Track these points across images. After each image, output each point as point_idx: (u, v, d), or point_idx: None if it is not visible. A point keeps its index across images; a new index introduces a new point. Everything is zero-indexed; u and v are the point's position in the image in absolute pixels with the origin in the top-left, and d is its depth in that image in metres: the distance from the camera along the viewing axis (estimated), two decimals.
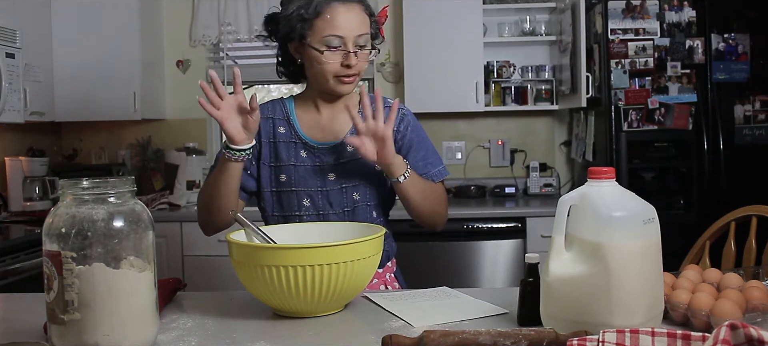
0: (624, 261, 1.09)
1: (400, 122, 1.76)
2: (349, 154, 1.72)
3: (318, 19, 1.61)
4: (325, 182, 1.72)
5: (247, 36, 4.18)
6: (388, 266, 1.81)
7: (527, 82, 4.03)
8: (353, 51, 1.62)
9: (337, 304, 1.35)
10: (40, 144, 3.93)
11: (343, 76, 1.65)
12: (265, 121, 1.75)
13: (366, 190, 1.74)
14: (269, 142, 1.75)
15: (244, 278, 1.32)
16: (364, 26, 1.64)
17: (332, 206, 1.72)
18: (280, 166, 1.73)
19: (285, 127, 1.75)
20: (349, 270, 1.28)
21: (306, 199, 1.72)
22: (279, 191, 1.74)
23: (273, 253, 1.27)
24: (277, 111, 1.78)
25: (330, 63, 1.63)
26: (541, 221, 3.50)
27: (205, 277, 3.56)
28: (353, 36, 1.62)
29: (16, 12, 3.27)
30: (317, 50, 1.62)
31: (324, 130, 1.75)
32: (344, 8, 1.62)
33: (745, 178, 3.33)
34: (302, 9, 1.63)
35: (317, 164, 1.73)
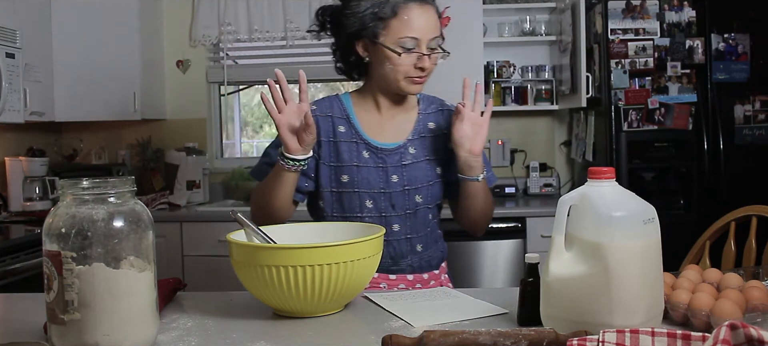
0: (624, 261, 1.09)
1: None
2: (412, 156, 1.71)
3: (394, 19, 1.61)
4: (388, 183, 1.70)
5: (247, 36, 4.18)
6: (442, 267, 1.81)
7: (527, 82, 4.03)
8: (427, 53, 1.62)
9: (337, 304, 1.35)
10: (40, 144, 3.93)
11: (415, 77, 1.65)
12: (324, 119, 1.72)
13: (428, 192, 1.72)
14: (329, 141, 1.71)
15: (244, 278, 1.32)
16: (437, 28, 1.65)
17: (395, 208, 1.70)
18: (341, 167, 1.70)
19: (345, 126, 1.72)
20: (349, 270, 1.28)
21: (368, 200, 1.70)
22: (340, 192, 1.70)
23: (273, 253, 1.26)
24: (334, 109, 1.75)
25: (404, 65, 1.62)
26: (541, 221, 3.50)
27: (205, 277, 3.56)
28: (428, 38, 1.62)
29: (16, 12, 3.27)
30: (392, 51, 1.61)
31: (385, 130, 1.73)
32: (421, 10, 1.62)
33: (745, 178, 3.33)
34: (377, 8, 1.61)
35: (380, 166, 1.70)
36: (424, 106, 1.79)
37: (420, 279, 1.74)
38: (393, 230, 1.70)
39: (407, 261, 1.73)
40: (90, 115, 3.83)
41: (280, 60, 4.27)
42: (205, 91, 4.32)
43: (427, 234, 1.75)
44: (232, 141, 4.70)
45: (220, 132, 4.45)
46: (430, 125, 1.76)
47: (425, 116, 1.77)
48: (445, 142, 1.73)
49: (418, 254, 1.74)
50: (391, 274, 1.73)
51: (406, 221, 1.71)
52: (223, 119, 4.48)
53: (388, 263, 1.71)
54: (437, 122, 1.77)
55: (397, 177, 1.70)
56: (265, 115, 5.27)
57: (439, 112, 1.79)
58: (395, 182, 1.70)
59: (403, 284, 1.72)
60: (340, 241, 1.29)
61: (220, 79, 4.31)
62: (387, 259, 1.70)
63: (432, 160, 1.73)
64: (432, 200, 1.74)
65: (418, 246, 1.74)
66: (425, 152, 1.73)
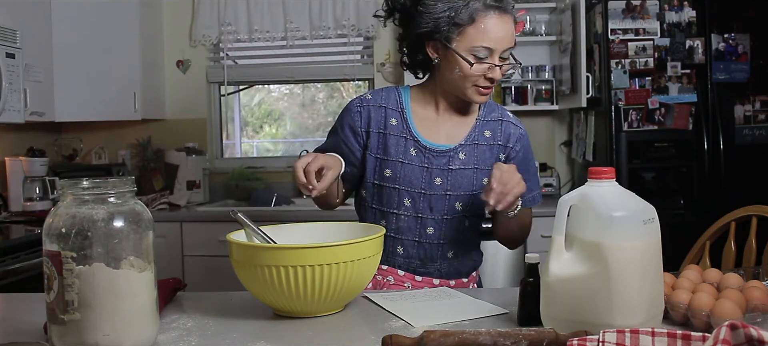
0: (624, 261, 1.09)
1: (517, 141, 1.72)
2: (460, 161, 1.67)
3: (470, 26, 1.56)
4: (430, 185, 1.66)
5: (247, 36, 4.18)
6: (472, 276, 1.77)
7: (527, 82, 4.03)
8: (499, 65, 1.58)
9: (337, 304, 1.35)
10: (40, 144, 3.93)
11: (482, 87, 1.60)
12: (377, 109, 1.70)
13: (469, 201, 1.67)
14: (379, 132, 1.69)
15: (243, 278, 1.32)
16: (512, 38, 1.60)
17: (432, 211, 1.67)
18: (387, 160, 1.68)
19: (398, 120, 1.69)
20: (349, 270, 1.28)
21: (407, 198, 1.67)
22: (381, 185, 1.68)
23: (273, 253, 1.26)
24: (390, 100, 1.72)
25: (474, 74, 1.58)
26: (541, 221, 3.47)
27: (205, 277, 3.56)
28: (502, 48, 1.58)
29: (16, 12, 3.27)
30: (463, 58, 1.57)
31: (439, 131, 1.69)
32: (499, 19, 1.56)
33: (745, 178, 3.33)
34: (453, 12, 1.56)
35: (426, 166, 1.67)
36: (484, 113, 1.73)
37: (446, 285, 1.70)
38: (427, 233, 1.67)
39: (436, 265, 1.70)
40: (90, 115, 3.83)
41: (280, 60, 4.28)
42: (205, 91, 4.32)
43: (460, 242, 1.71)
44: (232, 141, 4.70)
45: (220, 132, 4.45)
46: (486, 133, 1.71)
47: (483, 123, 1.72)
48: (499, 153, 1.71)
49: (448, 260, 1.71)
50: (418, 276, 1.70)
51: (441, 226, 1.68)
52: (223, 119, 4.48)
53: (416, 264, 1.69)
54: (494, 132, 1.72)
55: (441, 180, 1.66)
56: (265, 115, 5.27)
57: (498, 122, 1.73)
58: (438, 184, 1.66)
59: (427, 287, 1.68)
60: (340, 241, 1.29)
61: (220, 79, 4.31)
62: (416, 260, 1.69)
63: (480, 169, 1.68)
64: (472, 209, 1.68)
65: (449, 252, 1.71)
66: (475, 160, 1.68)
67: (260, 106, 5.23)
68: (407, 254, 1.69)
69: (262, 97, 5.18)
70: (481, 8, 1.55)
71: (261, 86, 4.90)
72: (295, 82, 4.45)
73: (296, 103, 5.02)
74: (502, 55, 1.59)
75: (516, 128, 1.74)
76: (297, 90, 4.90)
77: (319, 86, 4.66)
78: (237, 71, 4.33)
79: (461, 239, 1.71)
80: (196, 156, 4.04)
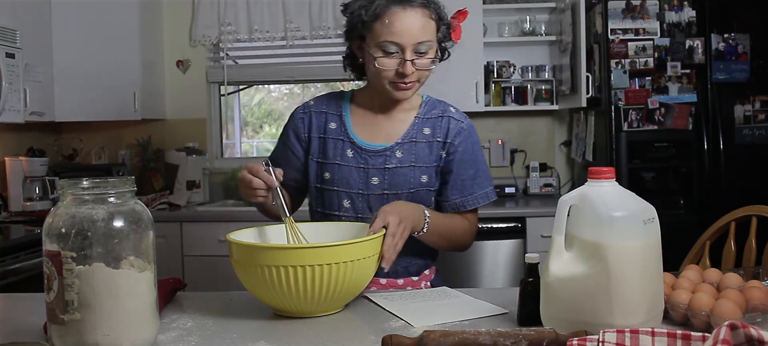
0: (624, 261, 1.09)
1: (456, 135, 1.70)
2: (397, 160, 1.67)
3: (376, 22, 1.55)
4: (367, 185, 1.67)
5: (247, 36, 4.18)
6: (425, 275, 1.75)
7: (527, 82, 4.03)
8: (410, 59, 1.56)
9: (337, 304, 1.35)
10: (40, 144, 3.93)
11: (399, 82, 1.59)
12: (318, 115, 1.72)
13: (408, 199, 1.65)
14: (319, 137, 1.71)
15: (243, 277, 1.32)
16: (425, 32, 1.57)
17: (372, 211, 1.65)
18: (325, 163, 1.69)
19: (336, 123, 1.71)
20: (349, 270, 1.28)
21: (346, 200, 1.68)
22: (322, 188, 1.70)
23: (273, 253, 1.26)
24: (331, 105, 1.74)
25: (385, 69, 1.57)
26: (541, 221, 3.50)
27: (205, 277, 3.56)
28: (412, 43, 1.55)
29: (16, 12, 3.27)
30: (373, 55, 1.57)
31: (377, 132, 1.70)
32: (404, 13, 1.54)
33: (745, 178, 3.33)
34: (362, 9, 1.57)
35: (362, 166, 1.67)
36: (425, 110, 1.73)
37: (393, 284, 1.69)
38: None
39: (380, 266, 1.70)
40: (90, 115, 3.83)
41: (280, 60, 4.28)
42: (205, 91, 4.32)
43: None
44: (232, 141, 4.70)
45: (220, 132, 4.44)
46: (426, 131, 1.70)
47: (423, 121, 1.71)
48: (439, 150, 1.69)
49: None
50: None
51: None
52: (223, 119, 4.48)
53: None
54: (433, 128, 1.71)
55: (378, 180, 1.67)
56: (265, 115, 5.27)
57: (439, 119, 1.72)
58: (375, 184, 1.66)
59: (375, 287, 1.66)
60: (340, 241, 1.29)
61: (220, 79, 4.31)
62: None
63: (418, 166, 1.67)
64: None
65: None
66: (412, 158, 1.67)
67: (260, 106, 5.23)
68: None
69: (262, 97, 5.19)
70: (385, 4, 1.55)
71: (261, 86, 4.90)
72: (295, 82, 4.44)
73: (296, 103, 4.99)
74: (419, 49, 1.57)
75: (457, 123, 1.72)
76: (297, 90, 4.90)
77: (319, 86, 4.66)
78: (237, 71, 4.33)
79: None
80: (196, 156, 4.04)
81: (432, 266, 1.79)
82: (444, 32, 1.64)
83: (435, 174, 1.69)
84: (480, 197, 1.71)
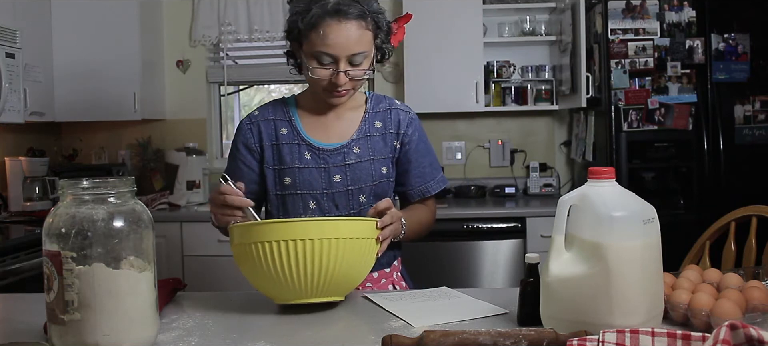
0: (624, 261, 1.09)
1: (408, 126, 1.74)
2: (356, 155, 1.70)
3: (312, 32, 1.56)
4: (330, 183, 1.69)
5: (247, 36, 4.18)
6: (394, 266, 1.79)
7: (527, 82, 4.03)
8: (343, 70, 1.57)
9: (337, 289, 1.34)
10: (40, 144, 3.93)
11: (333, 90, 1.61)
12: (266, 123, 1.73)
13: (371, 192, 1.70)
14: (272, 144, 1.72)
15: (242, 264, 1.32)
16: (361, 43, 1.57)
17: (338, 209, 1.70)
18: (284, 169, 1.70)
19: (287, 129, 1.72)
20: (345, 249, 1.28)
21: (312, 201, 1.69)
22: (284, 194, 1.71)
23: (269, 228, 1.27)
24: (278, 112, 1.75)
25: (319, 78, 1.59)
26: (541, 221, 3.50)
27: (205, 277, 3.56)
28: (346, 55, 1.56)
29: (16, 12, 3.27)
30: (307, 63, 1.59)
31: (329, 131, 1.72)
32: (339, 26, 1.54)
33: (745, 178, 3.33)
34: (299, 16, 1.58)
35: (322, 166, 1.69)
36: (372, 106, 1.76)
37: (370, 278, 1.72)
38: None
39: None
40: (90, 115, 3.83)
41: (279, 60, 4.26)
42: (205, 91, 4.32)
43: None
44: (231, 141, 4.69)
45: (220, 132, 4.45)
46: (377, 124, 1.73)
47: (372, 115, 1.74)
48: (393, 142, 1.73)
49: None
50: None
51: None
52: (223, 119, 4.48)
53: None
54: (384, 121, 1.74)
55: (340, 177, 1.69)
56: None
57: (387, 112, 1.75)
58: (338, 181, 1.69)
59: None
60: (335, 218, 1.29)
61: (220, 79, 4.31)
62: None
63: (377, 159, 1.71)
64: (376, 199, 1.68)
65: None
66: (370, 152, 1.71)
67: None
68: None
69: (262, 97, 5.19)
70: (320, 14, 1.54)
71: (261, 86, 4.90)
72: (295, 82, 4.44)
73: None
74: (353, 60, 1.57)
75: (405, 114, 1.76)
76: (297, 90, 4.90)
77: None
78: (237, 71, 4.33)
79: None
80: (196, 156, 4.04)
81: (399, 255, 1.83)
82: (383, 39, 1.65)
83: (391, 165, 1.74)
84: (439, 181, 1.79)
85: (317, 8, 1.55)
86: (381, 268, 1.75)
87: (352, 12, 1.55)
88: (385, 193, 1.72)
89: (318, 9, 1.55)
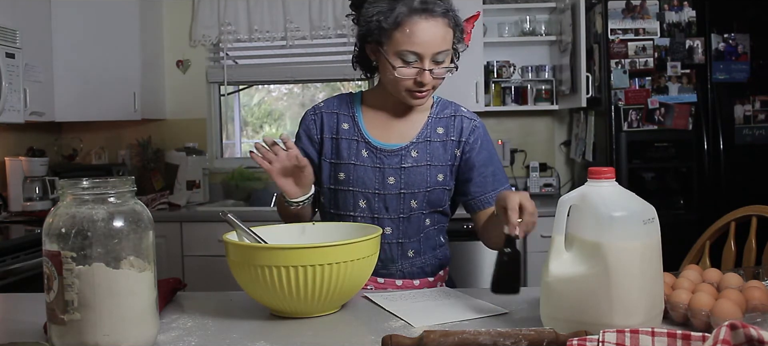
0: (624, 261, 1.09)
1: (470, 134, 1.70)
2: (413, 159, 1.67)
3: (397, 30, 1.53)
4: (384, 185, 1.66)
5: (247, 36, 4.18)
6: (439, 275, 1.76)
7: (527, 82, 4.03)
8: (429, 69, 1.55)
9: (334, 304, 1.35)
10: (40, 144, 3.93)
11: (415, 90, 1.58)
12: (330, 116, 1.72)
13: (424, 198, 1.67)
14: (332, 138, 1.70)
15: (240, 278, 1.32)
16: (445, 42, 1.55)
17: (388, 211, 1.66)
18: (340, 164, 1.68)
19: (349, 124, 1.70)
20: (346, 271, 1.28)
21: (362, 200, 1.67)
22: (336, 189, 1.69)
23: (269, 253, 1.26)
24: (343, 106, 1.73)
25: (403, 77, 1.56)
26: (541, 221, 3.46)
27: (205, 277, 3.56)
28: (431, 53, 1.54)
29: (16, 12, 3.27)
30: (391, 63, 1.55)
31: (390, 132, 1.69)
32: (426, 23, 1.52)
33: (745, 178, 3.33)
34: (382, 15, 1.55)
35: (377, 166, 1.67)
36: (437, 110, 1.73)
37: (410, 285, 1.70)
38: (384, 233, 1.65)
39: (397, 266, 1.69)
40: (90, 115, 3.83)
41: (280, 60, 4.28)
42: (205, 91, 4.32)
43: (420, 240, 1.70)
44: (232, 141, 4.70)
45: (220, 132, 4.45)
46: (439, 130, 1.70)
47: (436, 120, 1.71)
48: (453, 150, 1.70)
49: (409, 260, 1.70)
50: (380, 277, 1.69)
51: (399, 225, 1.67)
52: (223, 119, 4.48)
53: (377, 266, 1.66)
54: (447, 128, 1.71)
55: (394, 179, 1.66)
56: (265, 115, 5.27)
57: (451, 118, 1.72)
58: (391, 183, 1.66)
59: (391, 289, 1.67)
60: (337, 241, 1.28)
61: (220, 79, 4.31)
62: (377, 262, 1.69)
63: (434, 166, 1.68)
64: (429, 206, 1.68)
65: (409, 252, 1.69)
66: (428, 157, 1.68)
67: (260, 106, 5.23)
68: None
69: (262, 97, 5.19)
70: (406, 13, 1.52)
71: (261, 86, 4.90)
72: (295, 82, 4.45)
73: (296, 103, 5.02)
74: (437, 59, 1.56)
75: (470, 121, 1.73)
76: (297, 90, 4.90)
77: (319, 86, 4.66)
78: (237, 71, 4.33)
79: (422, 238, 1.70)
80: (196, 156, 4.04)
81: (446, 266, 1.79)
82: (458, 38, 1.63)
83: (450, 173, 1.70)
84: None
85: (402, 6, 1.53)
86: (424, 276, 1.72)
87: (437, 9, 1.54)
88: (439, 200, 1.69)
89: (403, 7, 1.53)
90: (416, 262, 1.70)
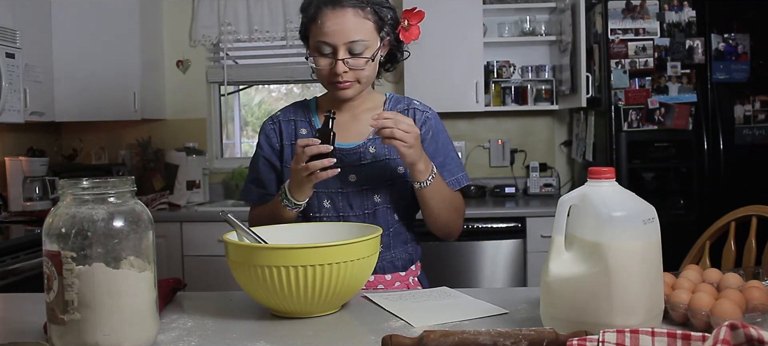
0: (624, 261, 1.09)
1: (422, 125, 1.72)
2: (371, 155, 1.70)
3: (313, 23, 1.60)
4: (345, 183, 1.69)
5: (247, 36, 4.18)
6: (411, 270, 1.77)
7: (527, 82, 4.03)
8: (341, 59, 1.58)
9: (334, 304, 1.35)
10: (40, 144, 3.93)
11: (337, 82, 1.61)
12: (287, 123, 1.75)
13: (387, 192, 1.70)
14: (291, 144, 1.73)
15: (240, 278, 1.32)
16: (358, 31, 1.58)
17: (353, 208, 1.69)
18: None
19: (306, 129, 1.74)
20: (346, 271, 1.28)
21: (326, 200, 1.69)
22: None
23: (269, 253, 1.26)
24: (299, 113, 1.77)
25: (322, 69, 1.61)
26: (541, 221, 3.50)
27: (205, 277, 3.56)
28: (344, 42, 1.57)
29: (16, 12, 3.27)
30: (312, 56, 1.62)
31: (347, 132, 1.71)
32: (334, 13, 1.57)
33: (745, 178, 3.33)
34: (304, 12, 1.62)
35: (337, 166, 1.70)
36: (390, 106, 1.76)
37: (382, 280, 1.71)
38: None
39: None
40: (90, 115, 3.83)
41: (280, 60, 4.28)
42: (205, 91, 4.32)
43: (389, 235, 1.72)
44: (232, 141, 4.70)
45: (220, 132, 4.45)
46: None
47: None
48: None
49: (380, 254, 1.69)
50: None
51: (364, 222, 1.67)
52: (223, 119, 4.49)
53: None
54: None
55: (355, 177, 1.69)
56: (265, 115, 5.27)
57: (405, 112, 1.75)
58: (353, 181, 1.68)
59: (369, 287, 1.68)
60: (337, 241, 1.28)
61: (220, 79, 4.31)
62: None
63: (393, 159, 1.70)
64: (392, 200, 1.70)
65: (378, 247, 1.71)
66: (386, 151, 1.70)
67: (260, 106, 5.23)
68: None
69: (262, 97, 5.19)
70: (317, 4, 1.59)
71: (261, 86, 4.90)
72: (295, 82, 4.44)
73: None
74: (353, 49, 1.58)
75: (421, 113, 1.75)
76: (297, 90, 4.90)
77: (318, 86, 4.66)
78: (237, 71, 4.33)
79: (391, 233, 1.72)
80: (196, 156, 4.04)
81: (417, 261, 1.81)
82: (388, 32, 1.65)
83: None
84: (451, 183, 1.72)
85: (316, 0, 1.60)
86: (395, 271, 1.73)
87: (347, 1, 1.58)
88: (403, 193, 1.71)
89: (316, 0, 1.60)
90: (386, 257, 1.71)
